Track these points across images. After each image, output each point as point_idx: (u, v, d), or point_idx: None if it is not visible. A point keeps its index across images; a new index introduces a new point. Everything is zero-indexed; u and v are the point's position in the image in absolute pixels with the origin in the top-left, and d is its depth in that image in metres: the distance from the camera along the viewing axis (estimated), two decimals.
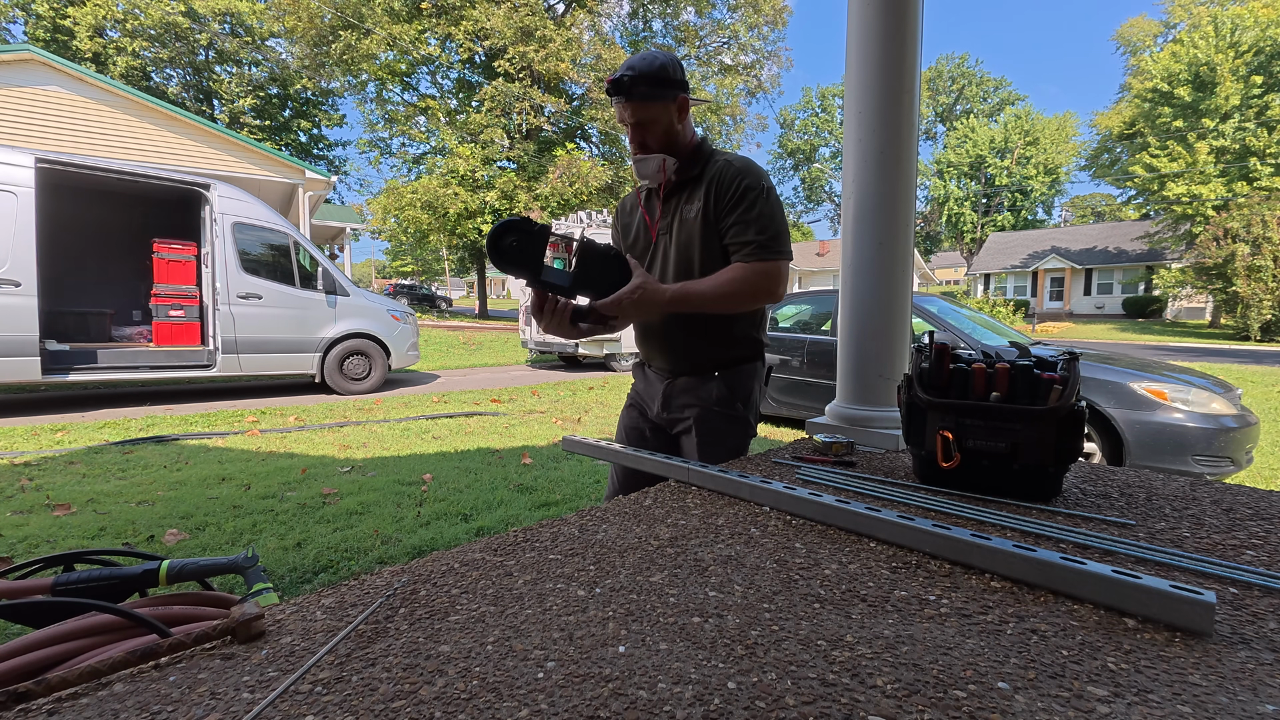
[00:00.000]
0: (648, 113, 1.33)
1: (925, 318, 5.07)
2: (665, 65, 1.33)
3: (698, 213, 1.37)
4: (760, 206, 1.33)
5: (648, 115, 1.33)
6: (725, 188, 1.35)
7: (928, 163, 45.14)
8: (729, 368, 1.44)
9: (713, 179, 1.37)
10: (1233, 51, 24.21)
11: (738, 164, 1.37)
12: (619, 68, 1.33)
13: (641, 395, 1.57)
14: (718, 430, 1.42)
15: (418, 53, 20.56)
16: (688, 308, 1.32)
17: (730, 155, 1.41)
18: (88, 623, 0.66)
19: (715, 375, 1.43)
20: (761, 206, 1.33)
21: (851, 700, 0.47)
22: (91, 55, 23.39)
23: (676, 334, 1.44)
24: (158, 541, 2.71)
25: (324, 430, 5.34)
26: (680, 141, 1.40)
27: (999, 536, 0.74)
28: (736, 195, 1.34)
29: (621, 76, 1.30)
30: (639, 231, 1.50)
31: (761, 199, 1.34)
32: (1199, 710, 0.46)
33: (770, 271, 1.32)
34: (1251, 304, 18.56)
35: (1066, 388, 0.95)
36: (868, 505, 0.88)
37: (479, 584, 0.70)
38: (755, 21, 24.43)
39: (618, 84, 1.30)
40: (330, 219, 19.32)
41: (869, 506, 0.88)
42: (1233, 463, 3.58)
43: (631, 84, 1.30)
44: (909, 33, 1.49)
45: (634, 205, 1.55)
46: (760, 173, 1.37)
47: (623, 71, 1.31)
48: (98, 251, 7.92)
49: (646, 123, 1.34)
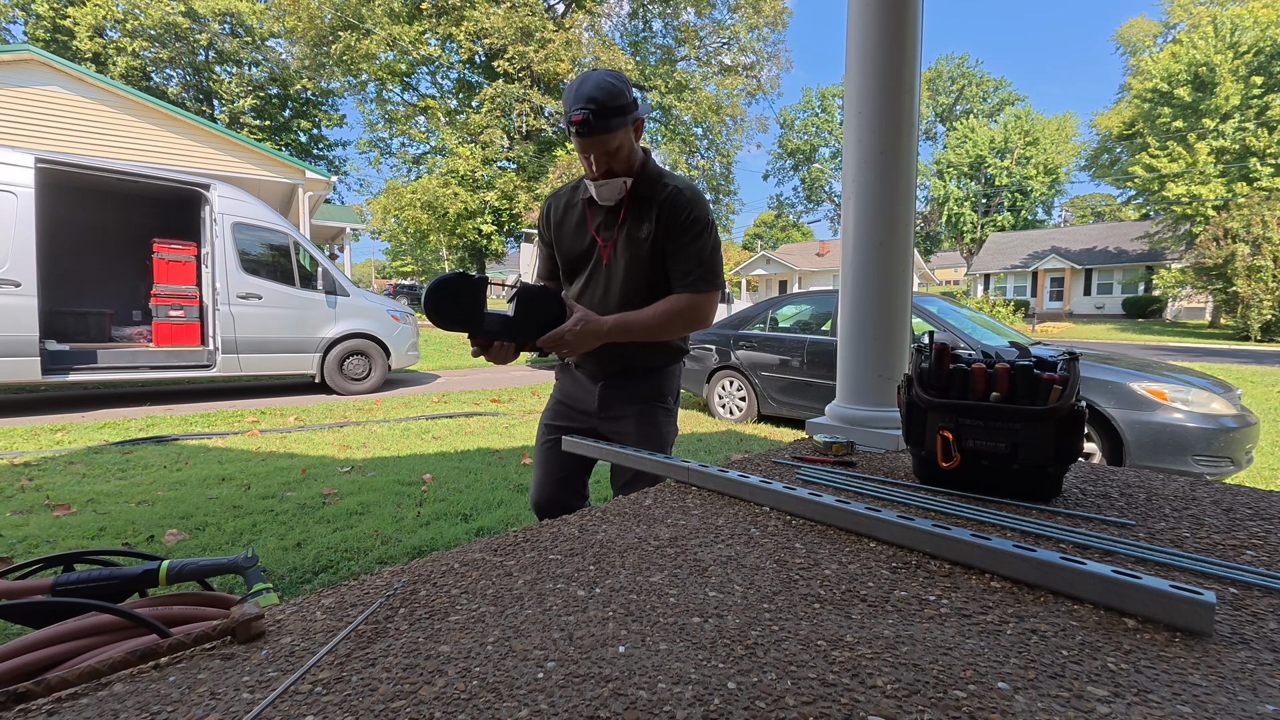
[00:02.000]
0: (614, 141, 1.30)
1: (925, 318, 5.07)
2: (621, 89, 1.28)
3: (649, 235, 1.40)
4: (704, 239, 1.42)
5: (614, 144, 1.31)
6: (677, 215, 1.40)
7: (928, 163, 45.14)
8: (659, 369, 1.54)
9: (664, 203, 1.40)
10: (1232, 52, 24.21)
11: (688, 194, 1.42)
12: (576, 101, 1.24)
13: (570, 396, 1.61)
14: (657, 423, 1.53)
15: (418, 53, 20.57)
16: (626, 337, 1.39)
17: (678, 180, 1.45)
18: (87, 623, 0.66)
19: (646, 375, 1.53)
20: (705, 239, 1.42)
21: (851, 700, 0.47)
22: (91, 55, 23.39)
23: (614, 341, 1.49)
24: (157, 542, 2.71)
25: (324, 430, 5.34)
26: (635, 160, 1.41)
27: (999, 537, 0.74)
28: (686, 224, 1.40)
29: (586, 116, 1.23)
30: (588, 247, 1.48)
31: (706, 232, 1.42)
32: (1199, 710, 0.46)
33: (706, 302, 1.43)
34: (1251, 304, 18.55)
35: (1066, 388, 0.95)
36: (867, 505, 0.88)
37: (479, 584, 0.70)
38: (755, 23, 24.44)
39: (586, 125, 1.24)
40: (330, 219, 19.30)
41: (869, 507, 0.88)
42: (1233, 463, 3.58)
43: (597, 120, 1.24)
44: (909, 33, 1.50)
45: (578, 216, 1.49)
46: (706, 205, 1.45)
47: (584, 108, 1.23)
48: (98, 251, 7.91)
49: (613, 151, 1.32)
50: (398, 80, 22.07)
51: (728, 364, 6.33)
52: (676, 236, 1.41)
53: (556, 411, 1.63)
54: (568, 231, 1.51)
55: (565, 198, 1.53)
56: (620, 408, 1.52)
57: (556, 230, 1.53)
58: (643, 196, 1.41)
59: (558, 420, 1.61)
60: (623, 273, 1.43)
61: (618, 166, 1.35)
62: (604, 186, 1.37)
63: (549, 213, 1.55)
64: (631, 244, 1.42)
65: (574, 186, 1.52)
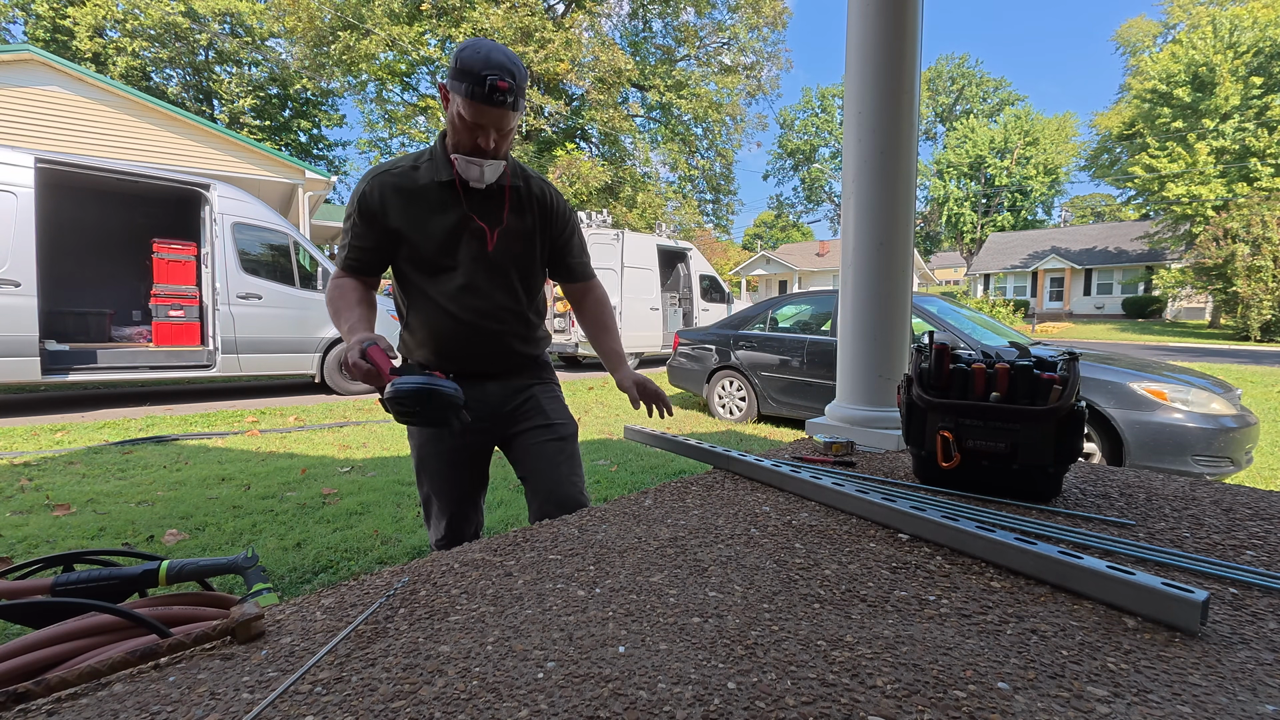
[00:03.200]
0: (516, 120, 1.23)
1: (925, 318, 5.07)
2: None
3: (533, 226, 1.40)
4: (579, 229, 1.52)
5: (514, 123, 1.24)
6: (556, 208, 1.44)
7: (928, 163, 45.14)
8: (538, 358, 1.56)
9: (539, 196, 1.41)
10: (1232, 52, 24.22)
11: (550, 186, 1.46)
12: (494, 67, 1.15)
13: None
14: (555, 396, 1.54)
15: (418, 54, 20.58)
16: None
17: (531, 170, 1.44)
18: (87, 623, 0.66)
19: (530, 363, 1.52)
20: (579, 229, 1.52)
21: (851, 700, 0.47)
22: (91, 55, 23.39)
23: (499, 340, 1.44)
24: (157, 541, 2.71)
25: (324, 430, 5.34)
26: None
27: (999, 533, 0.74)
28: (566, 215, 1.47)
29: (511, 84, 1.16)
30: (458, 234, 1.33)
31: (578, 223, 1.51)
32: (1199, 710, 0.46)
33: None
34: (1251, 304, 18.56)
35: (1066, 388, 0.95)
36: (883, 495, 0.89)
37: (479, 584, 0.70)
38: (755, 23, 24.44)
39: (511, 92, 1.17)
40: (330, 219, 19.26)
41: (884, 496, 0.88)
42: (1232, 463, 3.58)
43: (517, 94, 1.19)
44: (909, 33, 1.50)
45: (436, 199, 1.31)
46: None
47: (507, 78, 1.15)
48: (98, 251, 7.91)
49: (507, 132, 1.24)
50: (398, 80, 22.07)
51: (727, 364, 6.33)
52: (561, 227, 1.45)
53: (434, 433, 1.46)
54: (423, 216, 1.31)
55: (400, 178, 1.31)
56: (520, 393, 1.48)
57: (403, 214, 1.31)
58: (517, 185, 1.37)
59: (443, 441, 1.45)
60: (512, 262, 1.38)
61: (504, 147, 1.27)
62: (490, 167, 1.26)
63: (381, 194, 1.30)
64: (511, 236, 1.37)
65: (411, 166, 1.32)
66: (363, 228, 1.32)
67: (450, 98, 1.22)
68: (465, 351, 1.39)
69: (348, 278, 1.37)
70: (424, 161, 1.32)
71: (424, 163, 1.32)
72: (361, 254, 1.35)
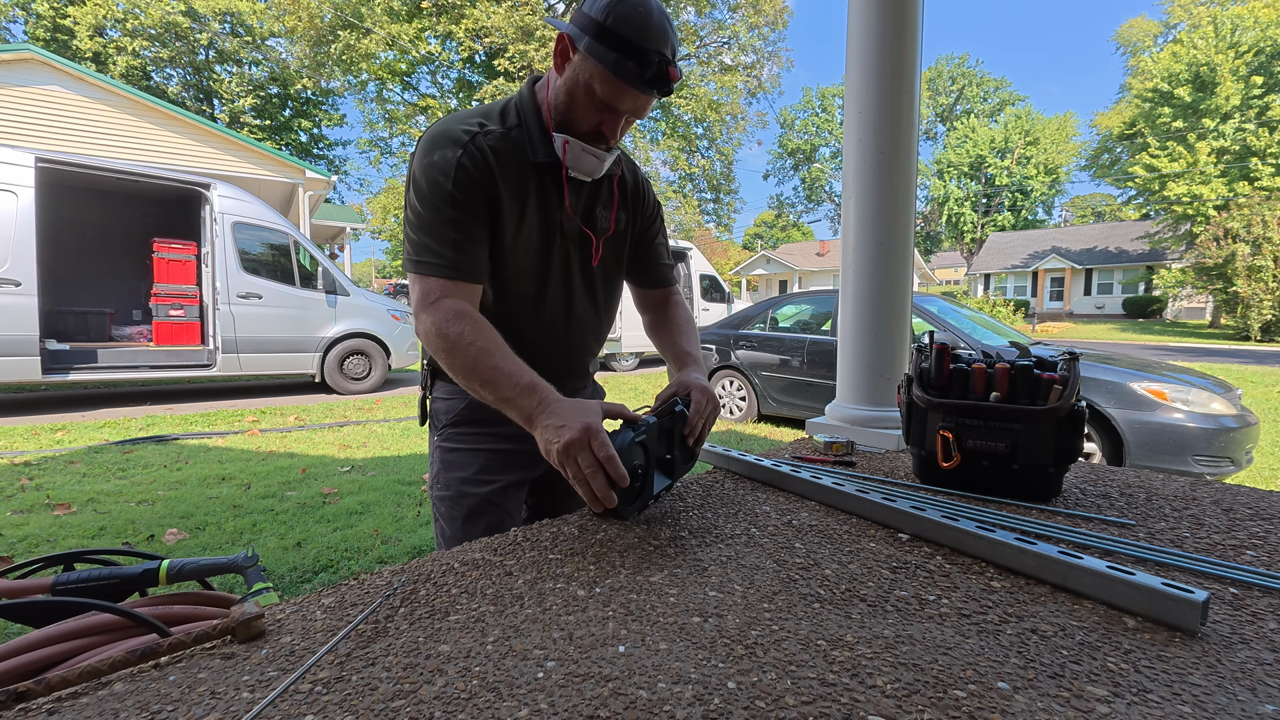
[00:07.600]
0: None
1: (925, 318, 5.07)
2: None
3: (626, 224, 1.11)
4: (665, 227, 1.20)
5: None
6: (650, 201, 1.14)
7: (928, 163, 45.14)
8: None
9: (643, 189, 1.12)
10: (1233, 52, 24.22)
11: (644, 173, 1.15)
12: (668, 44, 0.86)
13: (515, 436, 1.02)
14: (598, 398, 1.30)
15: (418, 52, 20.57)
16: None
17: (626, 154, 1.14)
18: (88, 622, 0.66)
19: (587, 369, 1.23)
20: (665, 226, 1.20)
21: (851, 700, 0.47)
22: (91, 55, 23.39)
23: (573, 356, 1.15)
24: (158, 541, 2.71)
25: (324, 430, 5.34)
26: None
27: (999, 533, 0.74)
28: (657, 210, 1.15)
29: (679, 72, 0.89)
30: (562, 242, 1.02)
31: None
32: (1199, 710, 0.46)
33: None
34: (1251, 304, 18.56)
35: (1066, 388, 0.95)
36: (883, 495, 0.89)
37: (479, 584, 0.70)
38: (756, 22, 24.42)
39: (677, 80, 0.88)
40: (330, 219, 19.28)
41: (885, 496, 0.88)
42: (1233, 463, 3.58)
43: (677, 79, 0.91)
44: (909, 33, 1.49)
45: (536, 188, 0.97)
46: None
47: (675, 62, 0.88)
48: (98, 251, 7.92)
49: (644, 117, 0.96)
50: (398, 79, 22.07)
51: (728, 364, 6.33)
52: (650, 222, 1.16)
53: (488, 466, 1.08)
54: (518, 208, 0.96)
55: (500, 141, 0.94)
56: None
57: (508, 192, 0.95)
58: (625, 178, 1.10)
59: (495, 475, 1.09)
60: (609, 273, 1.11)
61: (623, 134, 0.98)
62: (608, 159, 0.98)
63: (485, 159, 0.91)
64: (622, 237, 1.11)
65: (503, 134, 0.94)
66: (471, 207, 0.90)
67: (577, 59, 0.87)
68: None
69: (460, 300, 0.90)
70: (513, 127, 0.95)
71: (513, 129, 0.95)
72: (473, 249, 0.92)
